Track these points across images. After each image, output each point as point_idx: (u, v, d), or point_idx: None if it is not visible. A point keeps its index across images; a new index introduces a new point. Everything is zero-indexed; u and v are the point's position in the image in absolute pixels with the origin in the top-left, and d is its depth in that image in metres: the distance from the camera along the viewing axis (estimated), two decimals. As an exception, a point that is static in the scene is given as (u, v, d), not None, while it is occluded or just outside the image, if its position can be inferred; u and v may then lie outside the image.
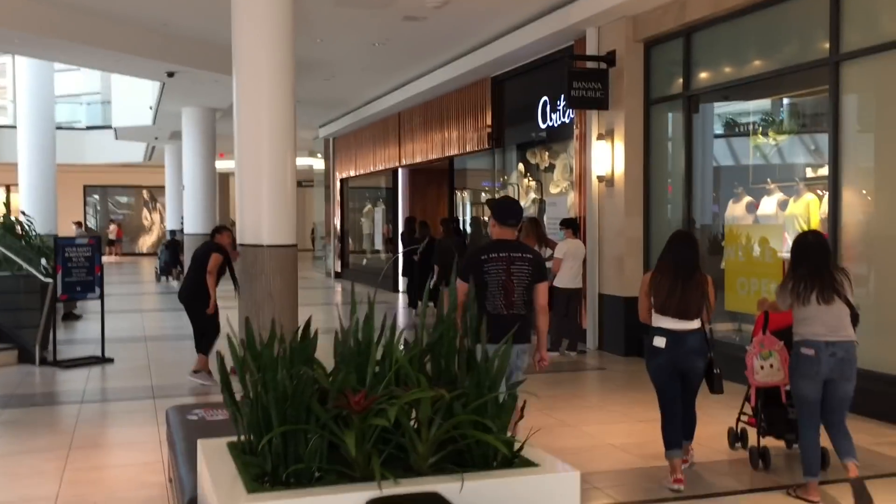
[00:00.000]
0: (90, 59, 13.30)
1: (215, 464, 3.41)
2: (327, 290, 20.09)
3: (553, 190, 13.13)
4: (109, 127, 28.24)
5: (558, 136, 12.14)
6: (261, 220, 9.09)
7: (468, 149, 14.43)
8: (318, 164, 27.07)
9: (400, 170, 18.80)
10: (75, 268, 9.57)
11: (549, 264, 11.30)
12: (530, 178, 13.48)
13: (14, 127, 19.10)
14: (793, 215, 8.12)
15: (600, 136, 10.11)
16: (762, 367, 5.37)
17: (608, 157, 10.04)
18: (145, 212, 37.56)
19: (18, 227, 10.62)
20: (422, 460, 3.24)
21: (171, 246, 21.57)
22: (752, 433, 5.71)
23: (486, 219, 15.20)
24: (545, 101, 12.02)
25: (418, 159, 17.02)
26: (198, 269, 8.59)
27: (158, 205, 37.07)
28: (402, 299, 17.41)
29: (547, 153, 13.41)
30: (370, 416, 3.10)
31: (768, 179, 8.64)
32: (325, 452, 3.18)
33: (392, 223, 19.12)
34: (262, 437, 3.23)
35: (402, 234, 16.39)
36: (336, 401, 3.15)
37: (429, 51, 13.17)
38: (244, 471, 3.23)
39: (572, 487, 3.35)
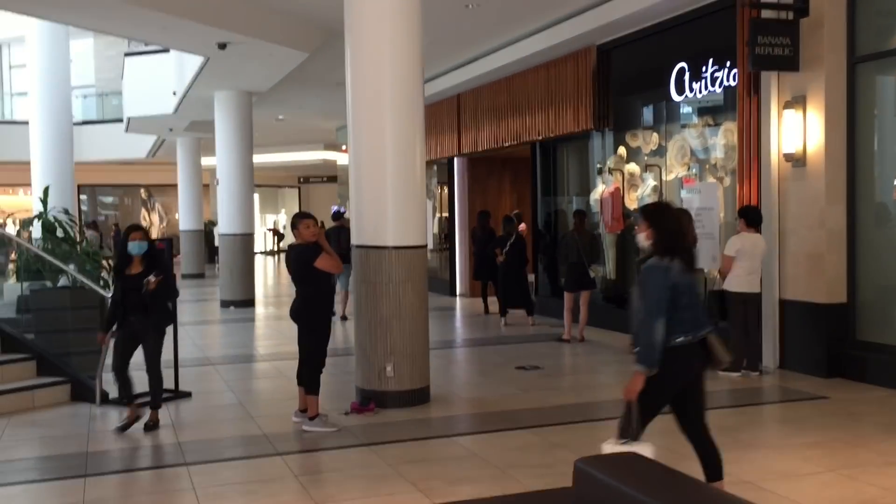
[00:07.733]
0: (130, 26, 11.20)
1: None
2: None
3: (667, 177, 11.23)
4: (104, 121, 26.16)
5: (703, 109, 10.21)
6: (385, 217, 7.16)
7: (561, 132, 12.44)
8: (343, 158, 25.02)
9: (456, 159, 16.78)
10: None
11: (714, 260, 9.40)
12: (647, 162, 11.52)
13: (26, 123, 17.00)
14: None
15: (788, 105, 8.16)
16: None
17: (799, 130, 8.09)
18: (143, 212, 35.11)
19: (59, 229, 8.46)
20: None
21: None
22: None
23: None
24: (682, 68, 10.06)
25: (485, 147, 15.01)
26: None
27: (158, 204, 34.79)
28: (461, 304, 15.41)
29: (656, 134, 11.48)
30: None
31: None
32: None
33: (449, 217, 17.09)
34: None
35: (472, 231, 14.39)
36: None
37: (522, 16, 11.16)
38: None
39: None
